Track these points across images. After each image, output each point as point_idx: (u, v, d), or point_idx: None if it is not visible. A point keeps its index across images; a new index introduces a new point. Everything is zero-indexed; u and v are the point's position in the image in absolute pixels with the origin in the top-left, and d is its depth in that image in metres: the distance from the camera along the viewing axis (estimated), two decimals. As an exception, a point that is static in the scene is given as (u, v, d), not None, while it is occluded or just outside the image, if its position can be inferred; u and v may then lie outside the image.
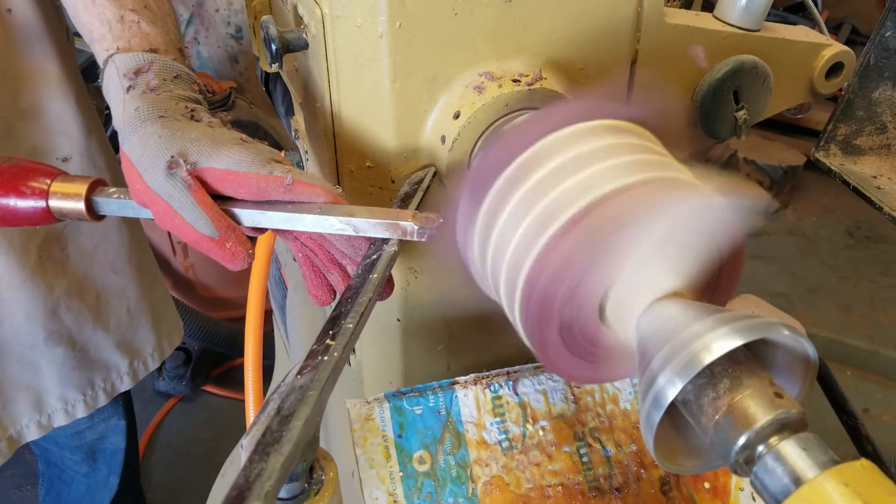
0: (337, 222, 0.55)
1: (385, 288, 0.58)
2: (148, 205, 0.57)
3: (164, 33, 0.64)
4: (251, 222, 0.57)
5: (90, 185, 0.60)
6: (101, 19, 0.63)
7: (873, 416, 2.04)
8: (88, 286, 1.03)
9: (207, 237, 0.55)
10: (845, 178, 0.79)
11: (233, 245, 0.56)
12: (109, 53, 0.62)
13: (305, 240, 0.60)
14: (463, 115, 0.61)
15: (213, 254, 0.56)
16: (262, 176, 0.55)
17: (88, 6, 0.64)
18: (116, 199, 0.60)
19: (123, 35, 0.62)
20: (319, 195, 0.56)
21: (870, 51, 0.79)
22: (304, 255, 0.61)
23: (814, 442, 0.39)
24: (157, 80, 0.60)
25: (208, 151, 0.55)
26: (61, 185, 0.60)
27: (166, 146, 0.55)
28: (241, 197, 0.56)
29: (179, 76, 0.62)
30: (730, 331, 0.41)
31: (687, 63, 0.71)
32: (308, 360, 0.47)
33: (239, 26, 2.19)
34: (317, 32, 0.62)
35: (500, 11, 0.60)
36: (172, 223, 0.56)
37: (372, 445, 0.66)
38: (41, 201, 0.60)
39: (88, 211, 0.60)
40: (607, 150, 0.48)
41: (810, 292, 2.49)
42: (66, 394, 1.07)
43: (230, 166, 0.55)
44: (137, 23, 0.63)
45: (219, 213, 0.55)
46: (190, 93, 0.61)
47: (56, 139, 0.94)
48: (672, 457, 0.46)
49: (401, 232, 0.56)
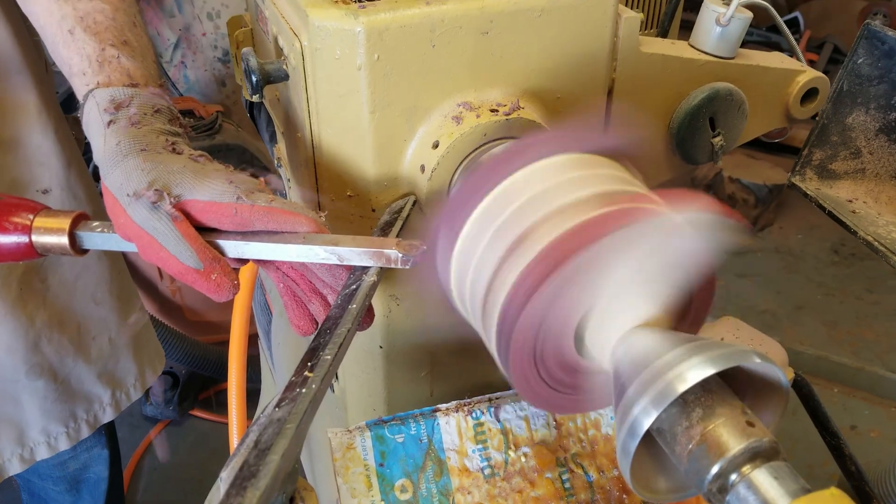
0: (321, 251, 0.56)
1: (365, 318, 0.58)
2: (132, 238, 0.57)
3: (143, 67, 0.65)
4: (235, 253, 0.57)
5: (73, 220, 0.60)
6: (81, 54, 0.63)
7: (861, 432, 2.05)
8: (69, 318, 1.03)
9: (192, 269, 0.55)
10: (821, 202, 0.80)
11: (218, 276, 0.56)
12: (90, 88, 0.62)
13: (287, 270, 0.61)
14: (442, 145, 0.61)
15: (198, 285, 0.56)
16: (244, 206, 0.55)
17: (68, 41, 0.64)
18: (100, 232, 0.60)
19: (103, 70, 0.62)
20: (303, 224, 0.56)
21: (843, 77, 0.81)
22: (285, 286, 0.61)
23: (785, 470, 0.40)
24: (137, 114, 0.60)
25: (191, 184, 0.56)
26: (44, 220, 0.60)
27: (149, 179, 0.55)
28: (225, 228, 0.56)
29: (160, 110, 0.62)
30: (703, 360, 0.41)
31: (663, 91, 0.73)
32: (286, 392, 0.48)
33: (226, 50, 2.21)
34: (296, 64, 0.62)
35: (477, 43, 0.61)
36: (157, 256, 0.56)
37: (353, 474, 0.66)
38: (24, 237, 0.60)
39: (72, 245, 0.60)
40: (580, 181, 0.48)
41: (796, 309, 2.50)
42: (48, 427, 1.06)
43: (213, 197, 0.55)
44: (117, 58, 0.63)
45: (203, 244, 0.56)
46: (170, 126, 0.62)
47: (35, 171, 0.94)
48: (649, 485, 0.47)
49: (385, 259, 0.56)
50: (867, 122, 0.82)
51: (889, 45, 0.78)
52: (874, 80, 0.80)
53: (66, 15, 0.65)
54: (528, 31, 0.62)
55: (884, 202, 0.81)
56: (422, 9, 0.59)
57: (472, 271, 0.50)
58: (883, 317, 2.46)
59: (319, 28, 0.59)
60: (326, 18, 0.58)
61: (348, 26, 0.58)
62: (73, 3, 0.65)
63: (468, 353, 0.75)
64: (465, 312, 0.55)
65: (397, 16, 0.58)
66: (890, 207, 0.80)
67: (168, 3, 2.13)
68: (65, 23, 0.65)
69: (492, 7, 0.60)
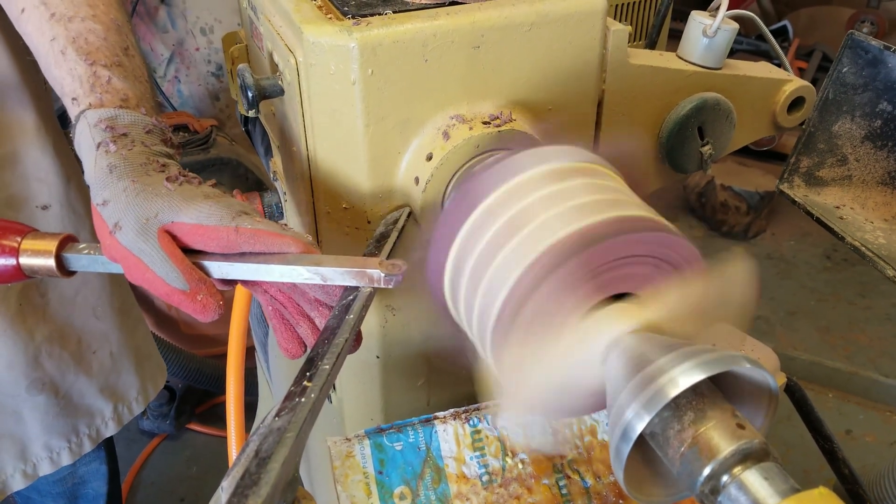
0: (305, 272, 0.56)
1: (353, 344, 0.58)
2: (118, 259, 0.57)
3: (135, 88, 0.64)
4: (220, 274, 0.58)
5: (60, 242, 0.61)
6: (73, 74, 0.63)
7: (856, 437, 2.05)
8: (70, 332, 1.03)
9: (178, 290, 0.56)
10: (809, 209, 0.81)
11: (204, 297, 0.56)
12: (81, 109, 0.62)
13: (275, 293, 0.61)
14: (435, 157, 0.63)
15: (184, 306, 0.57)
16: (230, 229, 0.56)
17: (59, 61, 0.64)
18: (86, 254, 0.61)
19: (95, 91, 0.62)
20: (290, 245, 0.56)
21: (828, 86, 0.82)
22: (273, 309, 0.61)
23: (775, 471, 0.41)
24: (128, 135, 0.60)
25: (178, 206, 0.56)
26: (31, 242, 0.61)
27: (137, 202, 0.56)
28: (211, 250, 0.57)
29: (151, 131, 0.62)
30: (694, 364, 0.42)
31: (652, 101, 0.74)
32: (286, 401, 0.48)
33: (219, 64, 2.22)
34: (291, 80, 0.63)
35: (468, 57, 0.62)
36: (143, 277, 0.56)
37: (353, 482, 0.67)
38: (11, 259, 0.60)
39: (59, 267, 0.60)
40: (569, 191, 0.50)
41: (790, 315, 2.52)
42: (50, 442, 1.06)
43: (200, 220, 0.56)
44: (109, 79, 0.63)
45: (189, 266, 0.56)
46: (161, 147, 0.62)
47: (34, 187, 0.94)
48: (643, 488, 0.47)
49: (368, 280, 0.56)
50: (853, 130, 0.83)
51: (873, 53, 0.79)
52: (859, 88, 0.82)
53: (58, 35, 0.65)
54: (518, 45, 0.63)
55: (870, 208, 0.82)
56: (414, 24, 0.60)
57: (466, 282, 0.51)
58: (875, 321, 2.47)
59: (314, 44, 0.60)
60: (321, 35, 0.60)
61: (342, 42, 0.59)
62: (65, 24, 0.65)
63: (465, 362, 0.76)
64: (461, 321, 0.56)
65: (390, 31, 0.59)
66: (876, 213, 0.82)
67: (161, 19, 2.15)
68: (56, 43, 0.65)
69: (483, 22, 0.61)
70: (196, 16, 2.14)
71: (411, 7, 0.63)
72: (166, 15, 2.14)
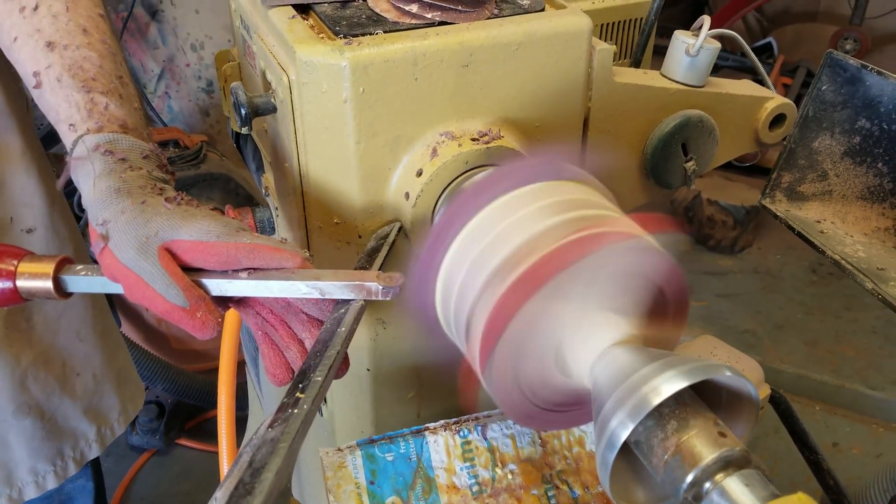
0: (303, 286, 0.57)
1: (340, 368, 0.59)
2: (118, 279, 0.58)
3: (132, 115, 0.65)
4: (219, 291, 0.58)
5: (57, 264, 0.61)
6: (69, 101, 0.64)
7: (843, 449, 2.07)
8: (55, 355, 1.02)
9: (178, 307, 0.56)
10: (791, 223, 0.83)
11: (203, 314, 0.57)
12: (79, 134, 0.63)
13: (266, 314, 0.62)
14: (425, 173, 0.64)
15: (183, 323, 0.57)
16: (230, 244, 0.57)
17: (55, 87, 0.65)
18: (84, 275, 0.61)
19: (92, 117, 0.63)
20: (287, 259, 0.57)
21: (808, 104, 0.84)
22: (263, 333, 0.62)
23: (756, 477, 0.42)
24: (127, 159, 0.61)
25: (178, 224, 0.57)
26: (28, 265, 0.61)
27: (137, 221, 0.57)
28: (211, 267, 0.58)
29: (148, 156, 0.63)
30: (676, 374, 0.44)
31: (636, 118, 0.76)
32: (279, 412, 0.49)
33: (210, 80, 2.23)
34: (284, 97, 0.65)
35: (457, 75, 0.64)
36: (143, 295, 0.57)
37: (345, 493, 0.67)
38: (9, 282, 0.60)
39: (56, 289, 0.61)
40: (552, 207, 0.51)
41: (777, 328, 2.54)
42: (36, 466, 1.05)
43: (199, 237, 0.57)
44: (106, 106, 0.64)
45: (189, 283, 0.57)
46: (158, 172, 0.63)
47: (20, 211, 0.94)
48: (628, 496, 0.49)
49: (366, 292, 0.58)
50: (833, 146, 0.85)
51: (851, 72, 0.81)
52: (838, 105, 0.84)
53: (54, 63, 0.66)
54: (506, 64, 0.65)
55: (850, 222, 0.84)
56: (405, 44, 0.61)
57: (455, 298, 0.52)
58: (861, 334, 2.49)
59: (307, 63, 0.61)
60: (313, 54, 0.61)
61: (334, 61, 0.60)
62: (60, 52, 0.66)
63: (455, 374, 0.77)
64: (451, 334, 0.57)
65: (381, 51, 0.61)
66: (856, 227, 0.83)
67: (152, 35, 2.16)
68: (52, 70, 0.65)
69: (471, 42, 0.63)
70: (187, 32, 2.16)
71: (402, 27, 0.64)
72: (157, 31, 2.15)
